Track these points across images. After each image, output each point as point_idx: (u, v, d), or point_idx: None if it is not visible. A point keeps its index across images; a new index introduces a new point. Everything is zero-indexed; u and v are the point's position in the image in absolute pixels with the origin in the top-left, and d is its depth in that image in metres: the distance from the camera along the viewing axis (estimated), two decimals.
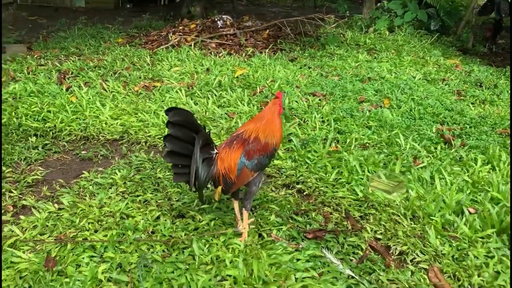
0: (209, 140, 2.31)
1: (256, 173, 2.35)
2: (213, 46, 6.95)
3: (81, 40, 7.07)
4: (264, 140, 2.32)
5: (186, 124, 2.19)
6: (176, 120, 2.17)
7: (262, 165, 2.35)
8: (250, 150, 2.30)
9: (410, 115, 4.40)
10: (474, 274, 2.22)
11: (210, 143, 2.32)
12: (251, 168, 2.31)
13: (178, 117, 2.18)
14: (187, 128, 2.20)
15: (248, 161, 2.30)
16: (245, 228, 2.42)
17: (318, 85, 5.16)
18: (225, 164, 2.29)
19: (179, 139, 2.19)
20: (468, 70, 6.39)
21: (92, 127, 3.92)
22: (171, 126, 2.17)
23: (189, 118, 2.21)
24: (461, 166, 3.35)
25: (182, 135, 2.19)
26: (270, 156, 2.36)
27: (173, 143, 2.19)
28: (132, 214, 2.59)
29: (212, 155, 2.31)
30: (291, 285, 2.05)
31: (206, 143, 2.27)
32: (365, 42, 7.74)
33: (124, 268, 2.14)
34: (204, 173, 2.25)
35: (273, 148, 2.35)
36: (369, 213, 2.74)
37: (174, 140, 2.19)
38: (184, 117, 2.19)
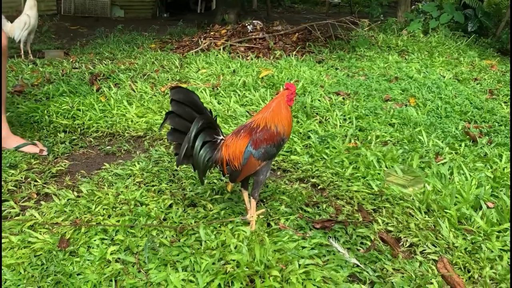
0: (213, 124, 2.33)
1: (264, 163, 2.36)
2: (241, 50, 7.05)
3: (115, 46, 7.36)
4: (271, 129, 2.30)
5: (189, 104, 2.22)
6: (179, 98, 2.21)
7: (269, 154, 2.33)
8: (257, 139, 2.30)
9: (436, 114, 4.30)
10: (486, 266, 2.15)
11: (215, 127, 2.35)
12: (257, 157, 2.30)
13: (181, 95, 2.22)
14: (190, 108, 2.23)
15: (255, 150, 2.29)
16: (252, 217, 2.44)
17: (343, 85, 5.13)
18: (229, 151, 2.31)
19: (182, 117, 2.22)
20: (504, 70, 6.16)
21: (119, 124, 4.06)
22: (174, 103, 2.22)
23: (192, 99, 2.24)
24: (484, 163, 3.24)
25: (185, 114, 2.22)
26: (277, 146, 2.33)
27: (175, 121, 2.24)
28: (146, 202, 2.66)
29: (216, 139, 2.34)
30: (294, 270, 2.05)
31: (209, 126, 2.29)
32: (397, 44, 7.64)
33: (132, 250, 2.21)
34: (206, 156, 2.28)
35: (281, 137, 2.32)
36: (383, 206, 2.70)
37: (176, 118, 2.23)
38: (187, 96, 2.23)
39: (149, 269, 2.09)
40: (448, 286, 2.06)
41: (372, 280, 2.04)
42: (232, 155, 2.30)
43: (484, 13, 9.20)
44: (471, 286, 2.06)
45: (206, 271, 2.07)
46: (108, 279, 2.02)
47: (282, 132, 2.32)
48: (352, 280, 2.06)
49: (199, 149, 2.26)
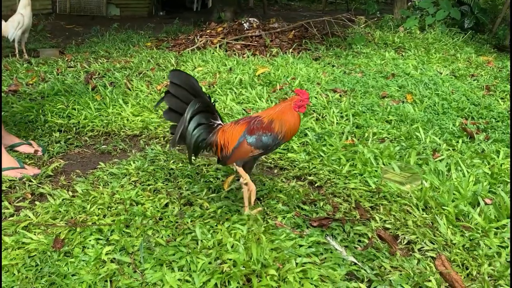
0: (210, 108, 2.35)
1: (257, 151, 2.32)
2: (238, 48, 7.02)
3: (111, 44, 7.32)
4: (270, 121, 2.31)
5: (187, 87, 2.27)
6: (177, 80, 2.25)
7: (263, 143, 2.30)
8: (254, 127, 2.32)
9: (433, 110, 4.28)
10: (484, 263, 2.13)
11: (213, 112, 2.37)
12: (251, 142, 2.30)
13: (179, 77, 2.26)
14: (187, 91, 2.27)
15: (249, 136, 2.31)
16: (245, 178, 2.42)
17: (340, 82, 5.11)
18: (225, 135, 2.33)
19: (179, 99, 2.27)
20: (501, 66, 6.16)
21: (114, 123, 4.03)
22: (172, 85, 2.26)
23: (190, 82, 2.28)
24: (482, 159, 3.23)
25: (182, 96, 2.27)
26: (273, 138, 2.30)
27: (171, 102, 2.28)
28: (142, 201, 2.64)
29: (212, 123, 2.36)
30: (290, 268, 2.03)
31: (206, 110, 2.32)
32: (393, 41, 7.62)
33: (127, 250, 2.19)
34: (200, 136, 2.31)
35: (278, 133, 2.30)
36: (380, 203, 2.68)
37: (173, 99, 2.28)
38: (186, 79, 2.27)
39: (145, 269, 2.06)
40: (447, 283, 2.05)
41: (370, 278, 2.03)
42: (227, 139, 2.32)
43: (480, 10, 9.19)
44: (470, 283, 2.04)
45: (203, 270, 2.05)
46: (103, 279, 2.00)
47: (281, 130, 2.30)
48: (349, 279, 2.04)
49: (193, 128, 2.30)
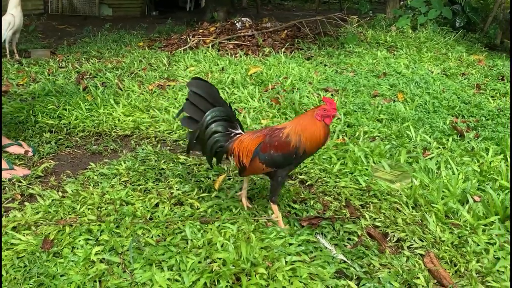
0: (229, 118, 2.37)
1: (269, 169, 2.29)
2: (230, 47, 7.02)
3: (103, 44, 7.29)
4: (286, 138, 2.22)
5: (205, 96, 2.31)
6: (195, 89, 2.30)
7: (276, 162, 2.25)
8: (266, 143, 2.27)
9: (424, 109, 4.31)
10: (472, 260, 2.15)
11: (232, 121, 2.38)
12: (262, 160, 2.27)
13: (197, 86, 2.31)
14: (206, 100, 2.31)
15: (261, 153, 2.27)
16: (277, 217, 2.40)
17: (332, 81, 5.12)
18: (241, 146, 2.33)
19: (197, 107, 2.32)
20: (491, 64, 6.20)
21: (105, 123, 4.02)
22: (190, 93, 2.32)
23: (209, 90, 2.33)
24: (471, 157, 3.25)
25: (200, 105, 2.32)
26: (287, 157, 2.23)
27: (190, 109, 2.34)
28: (132, 201, 2.63)
29: (230, 132, 2.37)
30: (280, 267, 2.04)
31: (224, 119, 2.35)
32: (385, 40, 7.65)
33: (117, 250, 2.18)
34: (216, 143, 2.35)
35: (295, 149, 2.20)
36: (370, 201, 2.69)
37: (191, 107, 2.34)
38: (204, 88, 2.32)
39: (134, 269, 2.06)
40: (435, 280, 2.06)
41: (359, 275, 2.04)
42: (242, 151, 2.32)
43: (471, 9, 9.24)
44: (458, 279, 2.06)
45: (192, 270, 2.05)
46: (92, 279, 1.99)
47: (298, 145, 2.20)
48: (339, 276, 2.05)
49: (209, 136, 2.35)
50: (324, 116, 2.18)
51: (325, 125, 2.19)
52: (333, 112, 2.17)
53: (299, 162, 2.37)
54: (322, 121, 2.18)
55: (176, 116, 2.60)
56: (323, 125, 2.19)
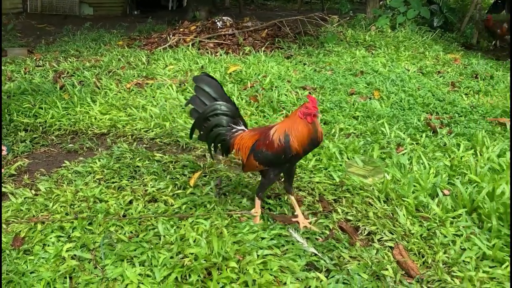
0: (232, 113, 2.42)
1: (262, 167, 2.33)
2: (211, 46, 7.02)
3: (82, 43, 7.22)
4: (274, 137, 2.26)
5: (209, 90, 2.40)
6: (201, 84, 2.41)
7: (267, 160, 2.29)
8: (260, 142, 2.32)
9: (399, 106, 4.38)
10: (439, 251, 2.20)
11: (234, 116, 2.43)
12: (255, 158, 2.32)
13: (203, 81, 2.42)
14: (209, 95, 2.40)
15: (255, 151, 2.32)
16: (257, 212, 2.43)
17: (310, 79, 5.17)
18: (241, 142, 2.38)
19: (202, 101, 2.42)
20: (466, 63, 6.32)
21: (82, 122, 3.99)
22: (196, 87, 2.43)
23: (213, 86, 2.42)
24: (443, 152, 3.32)
25: (205, 99, 2.41)
26: (277, 156, 2.25)
27: (196, 102, 2.43)
28: (106, 198, 2.63)
29: (231, 127, 2.42)
30: (251, 260, 2.06)
31: (225, 114, 2.40)
32: (365, 39, 7.72)
33: (89, 247, 2.18)
34: (218, 137, 2.42)
35: (284, 149, 2.22)
36: (343, 196, 2.73)
37: (197, 100, 2.43)
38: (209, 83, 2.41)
39: (106, 265, 2.06)
40: (403, 271, 2.11)
41: (328, 268, 2.07)
42: (241, 147, 2.38)
43: (449, 9, 9.40)
44: (425, 270, 2.11)
45: (164, 265, 2.06)
46: (62, 276, 1.99)
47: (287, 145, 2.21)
48: (309, 269, 2.08)
49: (210, 129, 2.42)
50: (306, 114, 2.20)
51: (308, 124, 2.19)
52: (314, 110, 2.19)
53: (293, 162, 2.37)
54: (305, 119, 2.19)
55: (186, 105, 2.69)
56: (306, 124, 2.20)
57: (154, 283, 1.96)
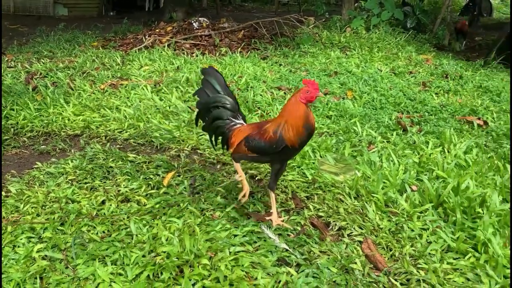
0: (232, 107, 2.47)
1: (250, 153, 2.35)
2: (187, 47, 7.02)
3: (55, 44, 7.12)
4: (267, 130, 2.28)
5: (213, 83, 2.48)
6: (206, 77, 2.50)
7: (258, 148, 2.30)
8: (254, 133, 2.35)
9: (372, 105, 4.48)
10: (406, 245, 2.27)
11: (234, 110, 2.48)
12: (246, 143, 2.35)
13: (208, 74, 2.51)
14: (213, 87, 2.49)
15: (248, 138, 2.35)
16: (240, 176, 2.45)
17: (285, 80, 5.23)
18: (238, 134, 2.41)
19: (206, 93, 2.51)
20: (438, 64, 6.49)
21: (55, 123, 3.95)
22: (203, 80, 2.53)
23: (218, 80, 2.49)
24: (412, 149, 3.41)
25: (208, 90, 2.49)
26: (270, 146, 2.25)
27: (201, 94, 2.52)
28: (78, 199, 2.62)
29: (230, 120, 2.47)
30: (223, 257, 2.09)
31: (225, 107, 2.46)
32: (339, 40, 7.84)
33: (60, 247, 2.17)
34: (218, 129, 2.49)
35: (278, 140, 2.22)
36: (315, 193, 2.79)
37: (202, 91, 2.52)
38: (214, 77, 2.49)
39: (77, 265, 2.06)
40: (371, 264, 2.17)
41: (298, 262, 2.12)
42: (236, 139, 2.41)
43: (422, 11, 9.62)
44: (392, 263, 2.17)
45: (136, 263, 2.07)
46: (33, 276, 1.98)
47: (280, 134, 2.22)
48: (280, 264, 2.12)
49: (211, 121, 2.50)
50: (308, 98, 2.20)
51: (306, 110, 2.20)
52: (316, 92, 2.21)
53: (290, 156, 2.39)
54: (306, 104, 2.20)
55: (194, 95, 2.73)
56: (305, 110, 2.20)
57: (126, 282, 1.97)
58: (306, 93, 2.19)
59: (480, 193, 2.58)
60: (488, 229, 2.29)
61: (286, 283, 1.98)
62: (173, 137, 3.61)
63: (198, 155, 3.40)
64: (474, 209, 2.46)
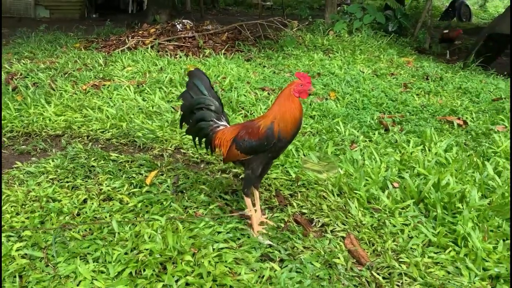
0: (216, 108, 2.46)
1: (246, 156, 2.29)
2: (170, 48, 6.99)
3: (36, 45, 7.03)
4: (258, 124, 2.25)
5: (197, 85, 2.47)
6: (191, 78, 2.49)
7: (251, 149, 2.25)
8: (243, 133, 2.30)
9: (354, 106, 4.52)
10: (388, 240, 2.30)
11: (218, 112, 2.46)
12: (238, 147, 2.29)
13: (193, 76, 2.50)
14: (197, 88, 2.47)
15: (238, 140, 2.30)
16: (250, 210, 2.37)
17: (269, 81, 5.25)
18: (223, 137, 2.39)
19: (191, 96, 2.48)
20: (419, 66, 6.59)
21: (35, 123, 3.89)
22: (188, 81, 2.49)
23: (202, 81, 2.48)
24: (394, 148, 3.46)
25: (193, 92, 2.47)
26: (260, 141, 2.21)
27: (186, 96, 2.50)
28: (59, 198, 2.58)
29: (214, 122, 2.45)
30: (207, 254, 2.08)
31: (209, 108, 2.44)
32: (323, 43, 7.91)
33: (40, 245, 2.13)
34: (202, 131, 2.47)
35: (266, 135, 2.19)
36: (298, 191, 2.80)
37: (187, 94, 2.49)
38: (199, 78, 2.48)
39: (58, 263, 2.03)
40: (354, 259, 2.18)
41: (282, 258, 2.12)
42: (221, 140, 2.39)
43: (403, 15, 9.77)
44: (375, 258, 2.19)
45: (118, 261, 2.05)
46: (12, 275, 1.94)
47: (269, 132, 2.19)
48: (263, 259, 2.12)
49: (195, 123, 2.48)
50: (301, 92, 2.20)
51: (299, 103, 2.19)
52: (308, 86, 2.21)
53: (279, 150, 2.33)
54: (298, 98, 2.19)
55: (178, 98, 2.71)
56: (298, 104, 2.19)
57: (108, 279, 1.95)
58: (300, 86, 2.20)
59: (460, 189, 2.63)
60: (468, 223, 2.33)
61: (270, 278, 1.99)
62: (156, 136, 3.59)
63: (182, 154, 3.39)
64: (454, 204, 2.51)
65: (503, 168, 3.07)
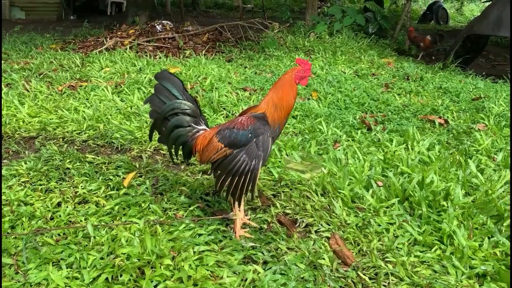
0: (193, 112, 2.27)
1: (228, 149, 2.10)
2: (150, 49, 6.87)
3: (10, 46, 6.82)
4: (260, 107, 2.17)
5: (169, 88, 2.28)
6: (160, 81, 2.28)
7: (235, 139, 2.08)
8: (223, 127, 2.18)
9: (336, 106, 4.49)
10: (374, 239, 2.25)
11: (195, 116, 2.29)
12: (219, 138, 2.13)
13: (162, 79, 2.29)
14: (170, 92, 2.27)
15: (221, 131, 2.16)
16: (235, 214, 2.27)
17: (251, 81, 5.19)
18: (204, 142, 2.22)
19: (161, 100, 2.28)
20: (399, 66, 6.62)
21: (8, 125, 3.73)
22: (156, 85, 2.30)
23: (174, 85, 2.28)
24: (377, 147, 3.43)
25: (164, 97, 2.27)
26: (248, 132, 2.08)
27: (155, 101, 2.29)
28: (31, 201, 2.46)
29: (193, 127, 2.28)
30: (187, 257, 2.00)
31: (185, 113, 2.26)
32: (304, 45, 7.89)
33: (10, 251, 2.02)
34: (179, 139, 2.27)
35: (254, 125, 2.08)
36: (282, 191, 2.74)
37: (156, 99, 2.29)
38: (168, 81, 2.28)
39: (29, 269, 1.92)
40: (339, 260, 2.13)
41: (265, 260, 2.05)
42: (202, 142, 2.23)
43: (382, 17, 9.84)
44: (360, 258, 2.14)
45: (94, 266, 1.95)
46: None
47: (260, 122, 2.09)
48: (246, 262, 2.05)
49: (170, 130, 2.27)
50: (301, 78, 2.15)
51: (296, 91, 2.17)
52: (309, 72, 2.18)
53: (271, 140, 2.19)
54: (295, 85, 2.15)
55: (145, 103, 2.44)
56: (295, 91, 2.17)
57: (83, 285, 1.84)
58: (301, 72, 2.16)
59: (444, 187, 2.61)
60: (453, 221, 2.31)
61: (253, 281, 1.91)
62: (135, 138, 3.49)
63: (161, 155, 3.29)
64: (439, 202, 2.48)
65: (486, 166, 3.07)
